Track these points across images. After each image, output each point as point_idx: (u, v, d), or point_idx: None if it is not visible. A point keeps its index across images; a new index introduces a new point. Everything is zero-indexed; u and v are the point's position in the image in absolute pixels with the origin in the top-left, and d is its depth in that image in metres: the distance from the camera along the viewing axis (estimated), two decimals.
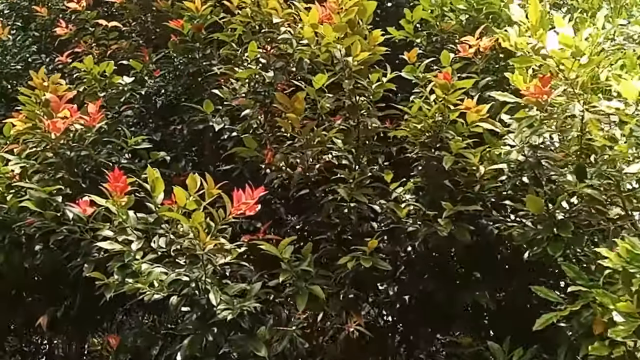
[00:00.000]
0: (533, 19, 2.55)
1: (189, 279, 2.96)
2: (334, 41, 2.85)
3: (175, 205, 2.90)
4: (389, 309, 3.72)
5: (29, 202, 3.07)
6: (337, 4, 2.76)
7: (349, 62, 2.84)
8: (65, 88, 3.39)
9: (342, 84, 2.94)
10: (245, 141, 3.29)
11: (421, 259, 3.31)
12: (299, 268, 3.00)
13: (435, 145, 3.21)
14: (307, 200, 3.63)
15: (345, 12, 2.78)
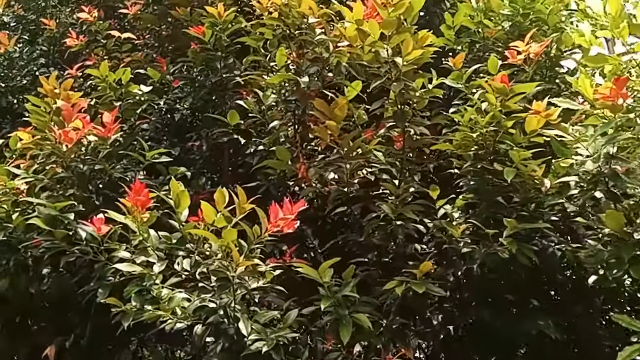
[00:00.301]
0: (613, 10, 2.25)
1: (216, 305, 2.62)
2: (381, 40, 2.54)
3: (201, 223, 2.58)
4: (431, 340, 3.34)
5: (38, 219, 2.73)
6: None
7: (397, 63, 2.53)
8: (78, 96, 3.08)
9: (390, 88, 2.61)
10: (278, 153, 2.97)
11: (473, 283, 2.95)
12: (340, 294, 2.65)
13: (488, 157, 2.89)
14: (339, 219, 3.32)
15: (393, 7, 2.47)
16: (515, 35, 3.69)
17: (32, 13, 5.41)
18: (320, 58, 2.93)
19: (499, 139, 2.83)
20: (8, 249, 3.20)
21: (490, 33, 3.64)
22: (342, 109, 2.66)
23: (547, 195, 2.72)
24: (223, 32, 3.66)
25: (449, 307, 3.21)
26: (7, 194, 3.08)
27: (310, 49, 3.05)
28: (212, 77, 3.82)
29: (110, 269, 2.82)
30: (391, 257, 3.11)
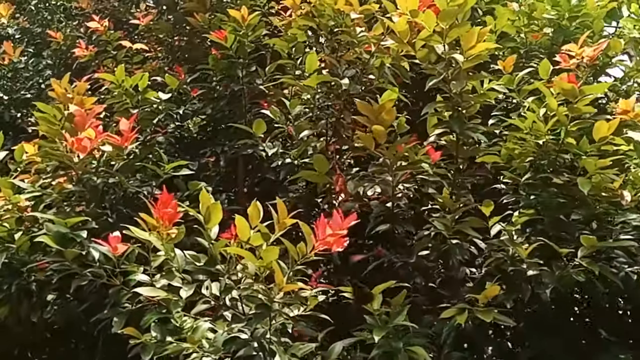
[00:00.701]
0: None
1: (249, 337, 2.27)
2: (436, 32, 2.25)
3: (234, 241, 2.25)
4: None
5: (47, 237, 2.40)
6: None
7: (457, 59, 2.23)
8: (92, 101, 2.77)
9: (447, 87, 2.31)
10: (316, 162, 2.64)
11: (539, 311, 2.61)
12: (392, 323, 2.31)
13: (549, 168, 2.59)
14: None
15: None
16: (560, 41, 3.44)
17: (38, 26, 5.16)
18: (360, 59, 2.62)
19: (563, 147, 2.53)
20: (10, 273, 2.86)
21: (535, 37, 3.37)
22: (390, 112, 2.36)
23: (622, 210, 2.40)
24: (246, 37, 3.37)
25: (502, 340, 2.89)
26: (10, 211, 2.76)
27: (346, 51, 2.76)
28: (233, 86, 3.51)
29: (127, 294, 2.49)
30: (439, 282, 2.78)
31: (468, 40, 2.20)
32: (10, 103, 4.40)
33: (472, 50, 2.22)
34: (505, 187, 2.91)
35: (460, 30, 2.24)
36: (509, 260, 2.48)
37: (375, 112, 2.40)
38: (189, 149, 3.97)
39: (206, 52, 3.97)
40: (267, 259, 2.06)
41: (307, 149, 3.14)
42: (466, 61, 2.25)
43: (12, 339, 3.36)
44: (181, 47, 4.21)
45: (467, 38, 2.20)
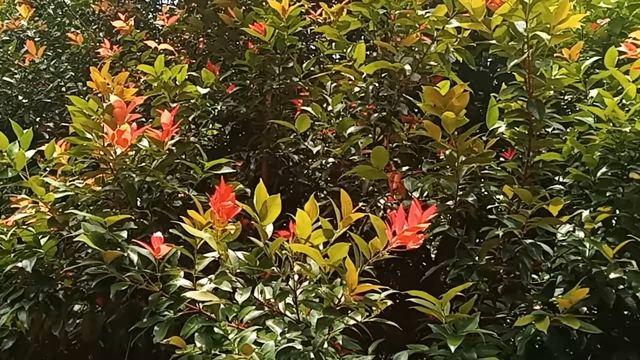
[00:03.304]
0: None
1: (305, 347, 2.05)
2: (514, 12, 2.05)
3: (292, 239, 2.04)
4: None
5: (86, 237, 2.18)
6: None
7: (542, 37, 2.02)
8: (132, 92, 2.57)
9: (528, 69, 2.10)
10: (374, 156, 2.41)
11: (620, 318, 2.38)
12: (462, 332, 2.08)
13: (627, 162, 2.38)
14: None
15: None
16: (617, 32, 3.25)
17: (56, 30, 5.01)
18: (422, 44, 2.42)
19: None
20: (37, 280, 2.66)
21: (593, 26, 3.18)
22: (461, 98, 2.15)
23: None
24: (286, 30, 3.19)
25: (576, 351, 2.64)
26: (40, 212, 2.55)
27: (402, 38, 2.57)
28: (270, 83, 3.32)
29: (168, 300, 2.28)
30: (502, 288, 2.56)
31: (559, 12, 1.99)
32: (30, 106, 4.22)
33: (561, 25, 2.01)
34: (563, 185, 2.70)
35: (546, 4, 2.03)
36: (588, 263, 2.25)
37: (444, 99, 2.19)
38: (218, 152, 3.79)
39: (236, 50, 3.80)
40: (334, 257, 1.84)
41: (350, 148, 2.95)
42: (554, 37, 2.03)
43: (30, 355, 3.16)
44: (210, 46, 4.02)
45: (557, 11, 1.99)
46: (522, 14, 2.02)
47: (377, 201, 2.95)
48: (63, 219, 2.52)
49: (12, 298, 2.56)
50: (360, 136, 2.92)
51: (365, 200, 2.99)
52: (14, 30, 4.63)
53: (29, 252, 2.61)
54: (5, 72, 4.18)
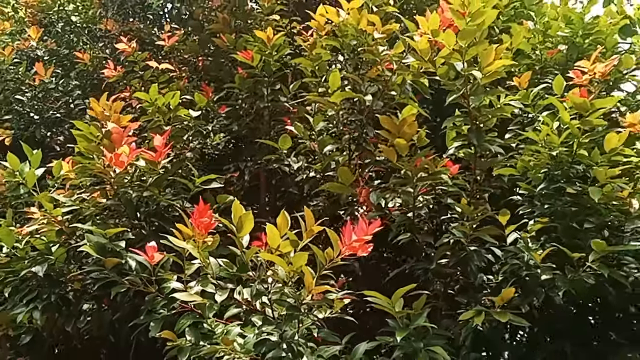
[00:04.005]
0: None
1: (278, 338, 2.40)
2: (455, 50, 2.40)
3: (264, 248, 2.39)
4: None
5: (89, 247, 2.55)
6: (462, 6, 2.32)
7: (476, 76, 2.37)
8: (128, 119, 2.95)
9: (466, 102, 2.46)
10: (340, 175, 2.79)
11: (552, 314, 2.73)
12: (413, 325, 2.43)
13: (563, 178, 2.71)
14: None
15: (471, 17, 2.34)
16: (574, 57, 3.59)
17: (65, 48, 5.37)
18: (382, 76, 2.78)
19: (575, 158, 2.66)
20: (49, 283, 3.02)
21: (550, 54, 3.51)
22: (411, 126, 2.51)
23: (632, 217, 2.52)
24: (271, 57, 3.54)
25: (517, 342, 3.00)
26: (50, 224, 2.92)
27: (368, 69, 2.92)
28: (258, 103, 3.68)
29: (163, 300, 2.64)
30: (457, 288, 2.90)
31: (486, 57, 2.34)
32: (41, 122, 4.60)
33: (489, 67, 2.36)
34: (522, 197, 3.04)
35: (478, 49, 2.38)
36: (524, 266, 2.59)
37: (397, 127, 2.55)
38: (214, 164, 4.15)
39: (231, 71, 4.15)
40: (296, 264, 2.20)
41: (330, 163, 3.29)
42: (484, 77, 2.39)
43: (46, 350, 3.53)
44: (206, 66, 4.39)
45: (485, 56, 2.35)
46: (459, 57, 2.37)
47: (355, 210, 3.30)
48: (70, 230, 2.89)
49: (28, 299, 2.92)
50: (338, 153, 3.27)
51: (344, 209, 3.33)
52: (24, 50, 5.00)
53: (41, 258, 2.97)
54: (17, 91, 4.56)
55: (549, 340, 2.75)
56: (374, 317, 2.55)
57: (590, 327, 2.84)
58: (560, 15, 3.60)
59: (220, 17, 4.11)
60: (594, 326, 2.85)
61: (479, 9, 2.36)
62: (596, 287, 2.51)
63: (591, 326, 2.85)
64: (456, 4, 2.34)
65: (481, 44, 2.35)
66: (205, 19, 4.34)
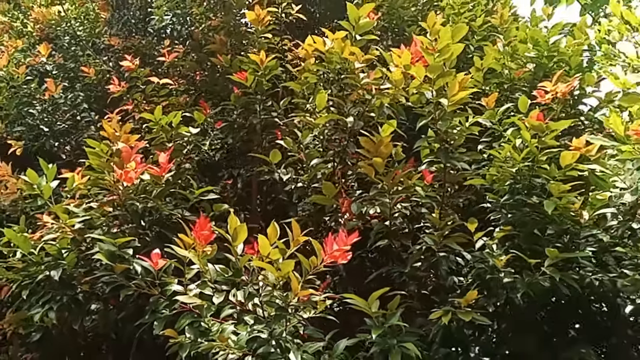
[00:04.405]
0: None
1: (268, 336, 2.72)
2: (424, 82, 2.72)
3: (256, 255, 2.71)
4: None
5: (101, 254, 2.87)
6: (431, 45, 2.64)
7: (443, 104, 2.70)
8: (135, 138, 3.27)
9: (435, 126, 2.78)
10: (324, 188, 3.12)
11: (514, 314, 3.05)
12: (387, 324, 2.75)
13: (524, 190, 3.03)
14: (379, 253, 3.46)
15: (439, 53, 2.66)
16: (540, 75, 3.90)
17: (71, 62, 5.68)
18: (362, 100, 3.10)
19: (534, 173, 2.97)
20: (62, 285, 3.33)
21: (518, 74, 3.83)
22: (387, 146, 2.83)
23: (584, 226, 2.84)
24: (264, 77, 3.86)
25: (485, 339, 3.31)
26: (63, 232, 3.23)
27: (351, 92, 3.23)
28: (252, 119, 4.00)
29: (165, 302, 2.95)
30: (431, 289, 3.22)
31: (452, 88, 2.66)
32: (50, 134, 4.91)
33: (454, 97, 2.68)
34: (491, 206, 3.35)
35: (445, 80, 2.70)
36: (489, 270, 2.91)
37: (375, 146, 2.87)
38: (210, 173, 4.46)
39: (226, 86, 4.47)
40: (284, 270, 2.52)
41: (316, 175, 3.60)
42: (450, 105, 2.71)
43: (54, 346, 3.84)
44: (204, 82, 4.71)
45: (451, 86, 2.66)
46: (428, 87, 2.69)
47: (339, 217, 3.62)
48: (82, 239, 3.20)
49: (43, 300, 3.23)
50: (324, 165, 3.59)
51: (330, 216, 3.64)
52: (34, 65, 5.32)
53: (54, 263, 3.28)
54: (28, 105, 4.88)
55: (513, 337, 3.07)
56: (359, 315, 2.86)
57: (551, 324, 3.15)
58: (529, 37, 3.91)
59: (217, 38, 4.43)
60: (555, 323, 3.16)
61: (445, 45, 2.68)
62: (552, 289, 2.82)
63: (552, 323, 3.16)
64: (425, 42, 2.66)
65: (448, 75, 2.66)
66: (203, 38, 4.65)
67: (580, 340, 3.00)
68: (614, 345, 3.13)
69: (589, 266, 3.02)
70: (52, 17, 5.84)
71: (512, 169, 2.90)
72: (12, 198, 4.22)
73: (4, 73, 4.78)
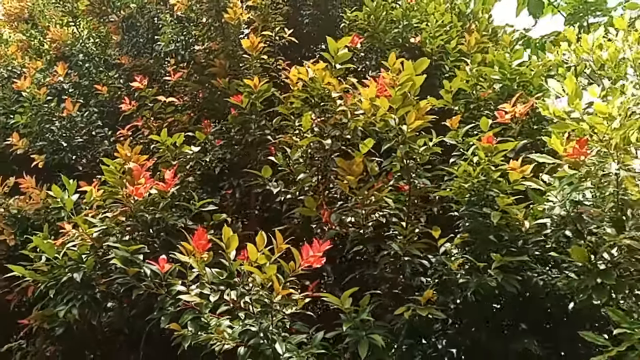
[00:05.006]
0: (570, 90, 2.89)
1: (257, 329, 3.21)
2: (389, 111, 3.20)
3: (246, 261, 3.20)
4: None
5: (116, 259, 3.39)
6: (392, 80, 3.12)
7: (403, 130, 3.18)
8: (144, 158, 3.78)
9: (397, 149, 3.26)
10: (306, 201, 3.62)
11: (471, 310, 3.52)
12: (358, 318, 3.24)
13: (480, 202, 3.50)
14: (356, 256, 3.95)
15: (400, 87, 3.14)
16: (505, 95, 4.35)
17: (85, 79, 6.21)
18: (340, 123, 3.58)
19: (488, 187, 3.44)
20: (82, 286, 3.84)
21: (483, 95, 4.29)
22: (358, 165, 3.31)
23: (527, 234, 3.31)
24: (257, 99, 4.36)
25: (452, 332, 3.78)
26: (83, 239, 3.75)
27: (331, 116, 3.72)
28: (247, 137, 4.50)
29: (171, 300, 3.46)
30: (400, 289, 3.70)
31: (409, 117, 3.14)
32: (68, 148, 5.44)
33: (412, 124, 3.16)
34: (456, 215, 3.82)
35: (406, 109, 3.18)
36: (447, 272, 3.39)
37: (348, 166, 3.36)
38: (212, 183, 4.96)
39: (226, 104, 4.97)
40: (268, 273, 3.01)
41: (304, 187, 4.09)
42: (409, 131, 3.19)
43: (75, 339, 4.36)
44: (206, 101, 5.22)
45: (409, 116, 3.14)
46: (392, 115, 3.17)
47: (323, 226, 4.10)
48: (99, 245, 3.72)
49: (67, 299, 3.75)
50: (310, 179, 4.07)
51: (315, 223, 4.13)
52: (53, 84, 5.85)
53: (76, 266, 3.79)
54: (49, 123, 5.41)
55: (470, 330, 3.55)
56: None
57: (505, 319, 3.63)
58: (495, 60, 4.37)
59: (217, 62, 4.93)
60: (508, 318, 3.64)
61: (406, 80, 3.15)
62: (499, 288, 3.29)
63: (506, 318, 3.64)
64: (388, 77, 3.14)
65: (408, 106, 3.14)
66: (205, 62, 5.15)
67: (528, 333, 3.46)
68: (563, 335, 3.58)
69: (536, 269, 3.49)
70: (67, 38, 6.37)
71: (466, 184, 3.36)
72: (36, 207, 4.77)
73: (27, 94, 5.31)
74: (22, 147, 5.33)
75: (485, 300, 3.46)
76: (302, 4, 5.67)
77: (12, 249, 4.72)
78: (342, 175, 3.55)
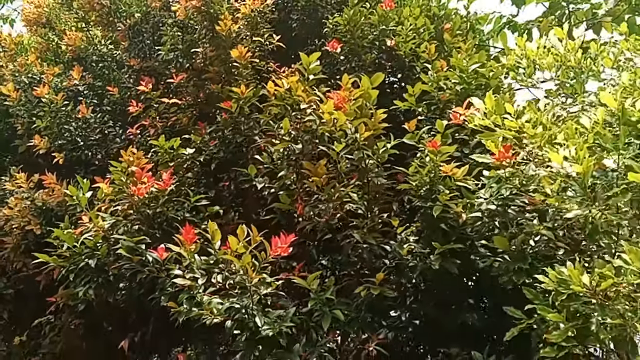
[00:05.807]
0: (489, 106, 3.44)
1: (239, 306, 3.87)
2: (346, 122, 3.79)
3: (229, 250, 3.84)
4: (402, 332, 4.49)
5: (122, 249, 4.07)
6: (348, 95, 3.71)
7: (357, 138, 3.77)
8: (145, 161, 4.44)
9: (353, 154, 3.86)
10: (281, 198, 4.25)
11: (425, 289, 4.14)
12: (324, 296, 3.89)
13: (430, 197, 4.08)
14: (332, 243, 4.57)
15: (354, 102, 3.72)
16: (464, 97, 4.87)
17: (99, 81, 6.86)
18: (310, 130, 4.18)
19: (435, 184, 4.02)
20: (97, 270, 4.54)
21: (443, 97, 4.84)
22: (322, 168, 3.92)
23: (466, 224, 3.89)
24: (245, 104, 4.97)
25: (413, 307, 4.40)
26: (97, 231, 4.43)
27: (302, 123, 4.32)
28: (237, 137, 5.12)
29: (168, 282, 4.13)
30: (366, 271, 4.33)
31: (361, 128, 3.73)
32: (84, 146, 6.13)
33: (364, 134, 3.75)
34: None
35: (361, 120, 3.76)
36: (399, 257, 4.00)
37: (314, 168, 3.97)
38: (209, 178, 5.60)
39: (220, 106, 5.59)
40: (245, 261, 3.65)
41: (285, 183, 4.71)
42: (361, 140, 3.78)
43: (94, 314, 5.08)
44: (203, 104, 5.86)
45: (360, 127, 3.73)
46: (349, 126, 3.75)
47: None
48: (110, 236, 4.40)
49: (85, 281, 4.46)
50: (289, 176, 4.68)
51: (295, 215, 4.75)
52: (69, 87, 6.52)
53: (91, 254, 4.49)
54: (66, 124, 6.10)
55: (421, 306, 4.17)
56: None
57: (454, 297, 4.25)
58: (455, 64, 4.90)
59: (212, 69, 5.54)
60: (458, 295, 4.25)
61: (360, 95, 3.73)
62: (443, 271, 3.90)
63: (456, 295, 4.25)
64: (343, 94, 3.72)
65: (363, 117, 3.72)
66: (202, 69, 5.77)
67: (470, 308, 4.08)
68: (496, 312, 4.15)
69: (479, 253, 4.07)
70: (81, 42, 7.01)
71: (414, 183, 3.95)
72: (58, 200, 5.48)
73: (46, 99, 6.00)
74: (43, 148, 6.04)
75: (436, 280, 4.06)
76: (291, 9, 6.20)
77: (39, 237, 5.45)
78: (308, 176, 4.15)
